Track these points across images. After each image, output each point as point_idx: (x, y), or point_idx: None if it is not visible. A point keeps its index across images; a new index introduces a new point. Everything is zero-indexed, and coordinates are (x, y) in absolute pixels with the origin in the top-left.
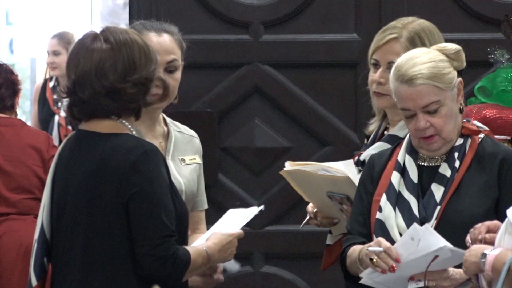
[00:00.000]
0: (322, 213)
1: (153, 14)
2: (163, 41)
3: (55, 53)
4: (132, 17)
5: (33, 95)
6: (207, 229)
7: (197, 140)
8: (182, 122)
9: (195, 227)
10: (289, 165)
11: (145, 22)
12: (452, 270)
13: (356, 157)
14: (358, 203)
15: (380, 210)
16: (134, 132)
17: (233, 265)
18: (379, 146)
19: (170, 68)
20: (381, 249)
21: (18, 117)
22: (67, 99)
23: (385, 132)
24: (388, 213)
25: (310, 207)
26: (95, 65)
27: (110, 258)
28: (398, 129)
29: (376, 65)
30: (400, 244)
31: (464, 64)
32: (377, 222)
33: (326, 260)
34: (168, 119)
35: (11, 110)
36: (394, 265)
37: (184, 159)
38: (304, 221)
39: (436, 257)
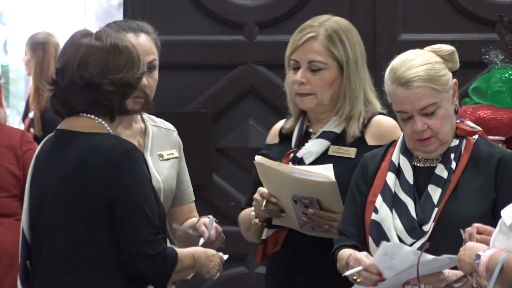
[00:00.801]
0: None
1: (147, 14)
2: (142, 42)
3: (25, 54)
4: (126, 18)
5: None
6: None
7: (174, 133)
8: (177, 123)
9: (189, 216)
10: (260, 159)
11: (120, 22)
12: (447, 272)
13: (292, 154)
14: (350, 203)
15: (376, 211)
16: (111, 131)
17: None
18: (318, 143)
19: (150, 69)
20: (359, 268)
21: (12, 117)
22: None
23: (311, 130)
24: (384, 215)
25: (264, 192)
26: (80, 57)
27: (94, 260)
28: (333, 126)
29: (295, 66)
30: (376, 259)
31: (458, 65)
32: (373, 223)
33: (261, 254)
34: (145, 115)
35: None
36: (378, 278)
37: (162, 155)
38: (264, 204)
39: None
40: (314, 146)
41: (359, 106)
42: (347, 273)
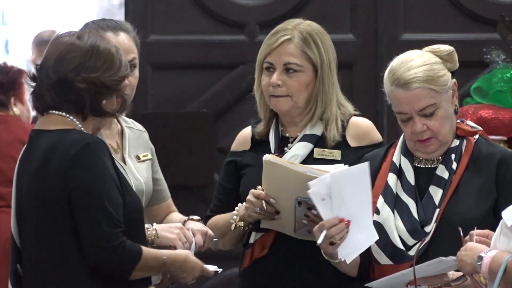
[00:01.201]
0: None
1: (148, 14)
2: (122, 41)
3: (32, 53)
4: (127, 18)
5: None
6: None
7: (145, 134)
8: (178, 123)
9: (169, 211)
10: (271, 157)
11: (99, 21)
12: (452, 274)
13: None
14: None
15: (378, 212)
16: (82, 129)
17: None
18: (303, 146)
19: (130, 67)
20: (324, 232)
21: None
22: None
23: (287, 135)
24: (386, 216)
25: (261, 194)
26: (58, 53)
27: (59, 257)
28: (313, 129)
29: (269, 68)
30: (320, 209)
31: (457, 65)
32: (375, 224)
33: (249, 257)
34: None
35: (5, 107)
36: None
37: (138, 156)
38: (264, 204)
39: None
40: (299, 149)
41: (332, 108)
42: (319, 241)
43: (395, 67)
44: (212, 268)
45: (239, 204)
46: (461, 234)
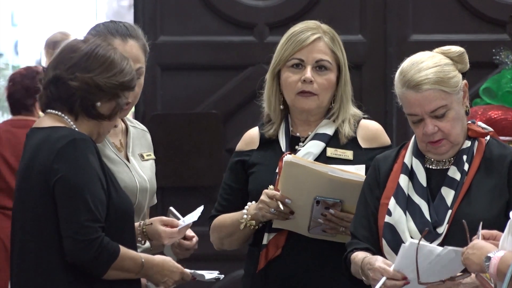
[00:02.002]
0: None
1: (158, 15)
2: (130, 50)
3: (46, 58)
4: (136, 19)
5: None
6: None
7: (148, 135)
8: (187, 123)
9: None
10: (292, 158)
11: (109, 24)
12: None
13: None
14: (362, 206)
15: (389, 213)
16: (73, 126)
17: (201, 276)
18: (315, 145)
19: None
20: (384, 279)
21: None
22: None
23: (298, 134)
24: (398, 217)
25: (276, 194)
26: (59, 53)
27: (42, 249)
28: (325, 128)
29: (298, 65)
30: (398, 264)
31: (468, 66)
32: (386, 225)
33: (264, 258)
34: None
35: (30, 111)
36: (405, 282)
37: (142, 155)
38: (280, 205)
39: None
40: (312, 147)
41: (349, 109)
42: (377, 286)
43: (405, 68)
44: (211, 275)
45: (249, 203)
46: (466, 228)
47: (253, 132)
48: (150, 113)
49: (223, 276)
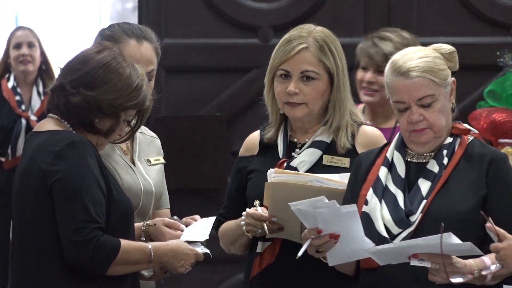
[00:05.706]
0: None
1: (162, 18)
2: (144, 52)
3: (30, 45)
4: (141, 21)
5: None
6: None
7: (158, 141)
8: (192, 126)
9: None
10: (275, 173)
11: (124, 25)
12: (455, 258)
13: (285, 163)
14: (344, 203)
15: (366, 203)
16: (74, 133)
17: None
18: (312, 153)
19: (148, 78)
20: (308, 242)
21: None
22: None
23: (295, 140)
24: (373, 205)
25: (262, 216)
26: (71, 61)
27: (39, 250)
28: (323, 136)
29: (284, 76)
30: (302, 218)
31: (457, 66)
32: (363, 215)
33: (257, 266)
34: None
35: None
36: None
37: (149, 160)
38: (265, 226)
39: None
40: (307, 155)
41: (346, 116)
42: (300, 253)
43: (396, 58)
44: (201, 250)
45: (247, 210)
46: (442, 229)
47: (254, 137)
48: (154, 116)
49: (209, 251)
